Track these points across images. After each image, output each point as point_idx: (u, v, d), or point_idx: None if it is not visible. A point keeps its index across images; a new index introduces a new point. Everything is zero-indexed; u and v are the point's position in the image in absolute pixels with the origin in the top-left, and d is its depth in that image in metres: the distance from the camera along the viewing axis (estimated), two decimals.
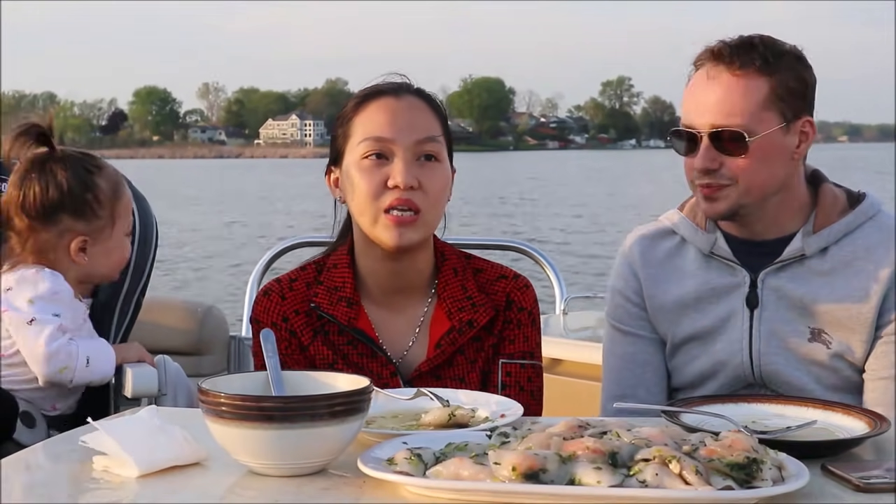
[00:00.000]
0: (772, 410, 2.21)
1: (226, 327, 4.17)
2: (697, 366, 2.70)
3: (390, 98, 2.52)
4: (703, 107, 2.58)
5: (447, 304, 2.57)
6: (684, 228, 2.75)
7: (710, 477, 1.62)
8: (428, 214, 2.48)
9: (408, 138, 2.47)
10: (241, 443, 1.78)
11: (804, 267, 2.63)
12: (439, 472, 1.69)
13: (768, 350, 2.62)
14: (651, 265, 2.77)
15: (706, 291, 2.69)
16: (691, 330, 2.70)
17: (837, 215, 2.64)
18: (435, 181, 2.49)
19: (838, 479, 1.76)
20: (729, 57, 2.56)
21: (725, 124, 2.54)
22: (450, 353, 2.55)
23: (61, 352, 2.72)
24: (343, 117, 2.57)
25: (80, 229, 2.81)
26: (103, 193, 2.81)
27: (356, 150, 2.50)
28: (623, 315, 2.80)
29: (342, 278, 2.57)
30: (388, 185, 2.45)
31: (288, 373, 2.02)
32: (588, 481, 1.62)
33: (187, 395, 2.98)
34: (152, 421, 1.91)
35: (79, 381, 2.78)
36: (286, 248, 4.41)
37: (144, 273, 3.07)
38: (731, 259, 2.67)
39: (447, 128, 2.60)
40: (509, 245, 4.79)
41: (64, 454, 1.95)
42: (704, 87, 2.58)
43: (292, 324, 2.56)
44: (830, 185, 2.70)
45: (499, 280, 2.63)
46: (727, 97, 2.55)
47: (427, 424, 2.07)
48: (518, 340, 2.61)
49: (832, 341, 2.60)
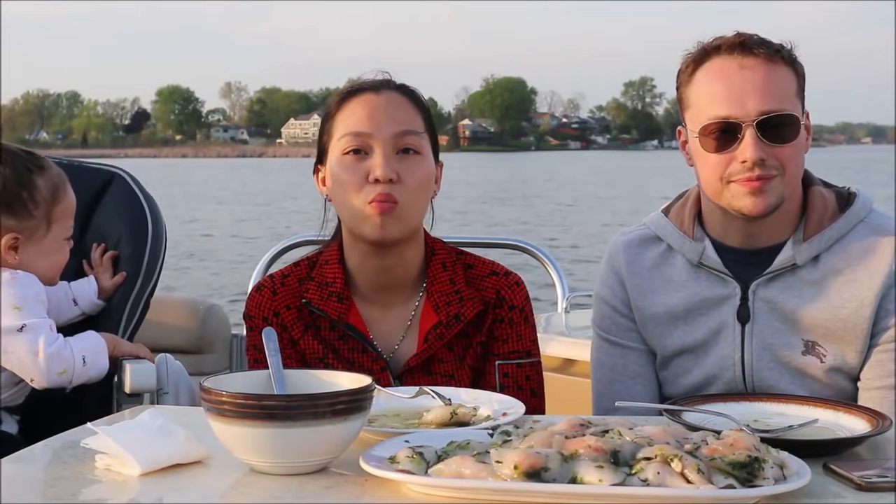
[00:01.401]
0: (773, 409, 2.21)
1: (228, 325, 4.18)
2: (689, 379, 2.64)
3: (370, 94, 2.55)
4: (744, 94, 2.45)
5: (435, 298, 2.59)
6: (671, 236, 2.67)
7: (711, 476, 1.62)
8: (408, 207, 2.50)
9: (386, 132, 2.50)
10: (242, 441, 1.78)
11: (796, 277, 2.55)
12: (441, 470, 1.69)
13: (761, 364, 2.56)
14: (638, 275, 2.69)
15: (696, 304, 2.61)
16: (681, 343, 2.64)
17: (828, 220, 2.56)
18: (415, 174, 2.51)
19: (840, 478, 1.76)
20: (756, 46, 2.48)
21: (777, 109, 2.45)
22: (437, 347, 2.56)
23: (61, 355, 2.72)
24: (327, 116, 2.61)
25: (12, 226, 2.75)
26: (40, 194, 2.76)
27: (337, 146, 2.53)
28: (610, 326, 2.74)
29: (333, 274, 2.60)
30: (368, 180, 2.48)
31: (289, 371, 2.02)
32: (590, 480, 1.61)
33: (189, 394, 2.98)
34: (154, 423, 1.91)
35: (77, 382, 2.78)
36: (288, 246, 4.41)
37: (155, 273, 3.07)
38: (722, 270, 2.59)
39: (430, 122, 2.61)
40: (511, 243, 4.78)
41: (65, 453, 1.95)
42: (738, 75, 2.46)
43: (283, 319, 2.58)
44: (820, 188, 2.62)
45: (489, 276, 2.63)
46: (771, 82, 2.46)
47: (429, 423, 2.07)
48: (511, 339, 2.61)
49: (826, 354, 2.53)
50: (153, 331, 3.42)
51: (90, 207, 3.10)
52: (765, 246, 2.58)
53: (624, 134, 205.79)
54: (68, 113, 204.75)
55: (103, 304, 3.04)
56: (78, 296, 2.99)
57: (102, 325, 3.00)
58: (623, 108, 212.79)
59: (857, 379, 2.56)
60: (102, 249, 3.07)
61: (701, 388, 2.62)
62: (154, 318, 3.19)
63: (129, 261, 3.07)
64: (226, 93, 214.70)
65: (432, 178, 2.58)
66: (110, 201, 3.14)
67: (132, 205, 3.13)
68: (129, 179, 3.15)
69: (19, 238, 2.76)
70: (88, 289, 3.01)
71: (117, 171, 3.19)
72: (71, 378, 2.75)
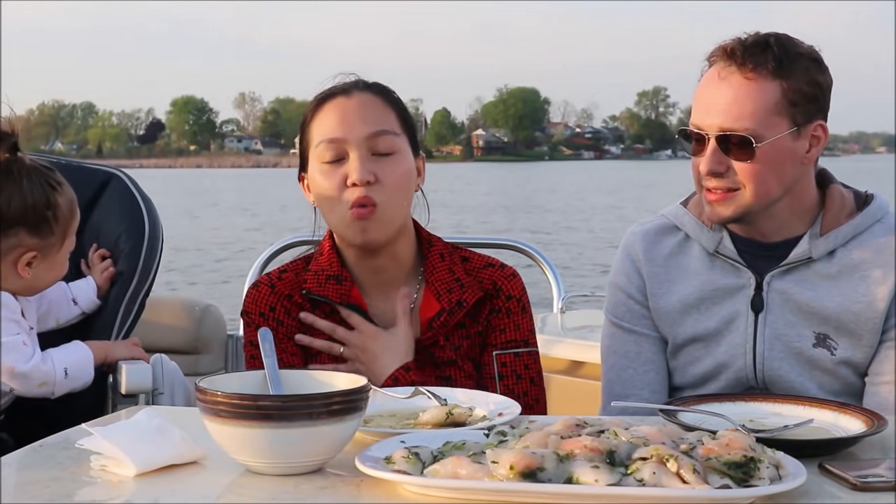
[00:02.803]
0: (769, 409, 2.21)
1: (223, 326, 4.18)
2: (699, 367, 2.67)
3: (341, 98, 2.57)
4: (712, 108, 2.52)
5: (436, 287, 2.61)
6: (689, 225, 2.71)
7: (707, 476, 1.62)
8: (387, 207, 2.52)
9: (359, 134, 2.52)
10: (238, 442, 1.78)
11: (810, 270, 2.59)
12: (437, 470, 1.69)
13: (772, 354, 2.59)
14: (655, 263, 2.72)
15: (710, 292, 2.65)
16: (694, 331, 2.67)
17: (845, 217, 2.60)
18: (392, 174, 2.53)
19: (836, 478, 1.76)
20: (742, 57, 2.49)
21: (733, 128, 2.49)
22: (442, 334, 2.58)
23: (39, 369, 2.72)
24: (303, 123, 2.64)
25: (33, 245, 2.75)
26: (61, 212, 2.76)
27: (315, 154, 2.56)
28: (624, 312, 2.76)
29: (328, 261, 2.62)
30: (346, 184, 2.51)
31: (285, 371, 2.02)
32: (586, 480, 1.61)
33: (185, 394, 2.99)
34: (149, 423, 1.91)
35: (60, 393, 2.78)
36: (283, 247, 4.39)
37: (151, 273, 3.08)
38: (737, 259, 2.63)
39: (406, 117, 2.62)
40: (508, 244, 4.77)
41: (60, 454, 1.95)
42: (715, 87, 2.52)
43: (280, 311, 2.60)
44: (838, 186, 2.66)
45: (485, 268, 2.66)
46: (737, 100, 2.48)
47: (424, 423, 2.07)
48: (508, 329, 2.63)
49: (837, 347, 2.56)
50: (149, 331, 3.42)
51: (88, 208, 3.09)
52: (781, 239, 2.61)
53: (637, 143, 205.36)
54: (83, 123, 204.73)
55: (101, 302, 3.04)
56: (77, 296, 2.99)
57: (98, 325, 3.01)
58: (636, 117, 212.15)
59: (866, 374, 2.59)
60: (97, 248, 3.08)
61: (711, 377, 2.65)
62: (150, 318, 3.19)
63: (126, 260, 3.06)
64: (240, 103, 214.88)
65: (412, 175, 2.59)
66: (108, 202, 3.14)
67: (129, 205, 3.13)
68: (126, 180, 3.16)
69: (37, 255, 2.77)
70: (87, 288, 3.02)
71: (115, 171, 3.20)
72: (53, 390, 2.76)
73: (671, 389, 2.74)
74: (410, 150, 2.60)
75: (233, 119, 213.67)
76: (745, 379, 2.61)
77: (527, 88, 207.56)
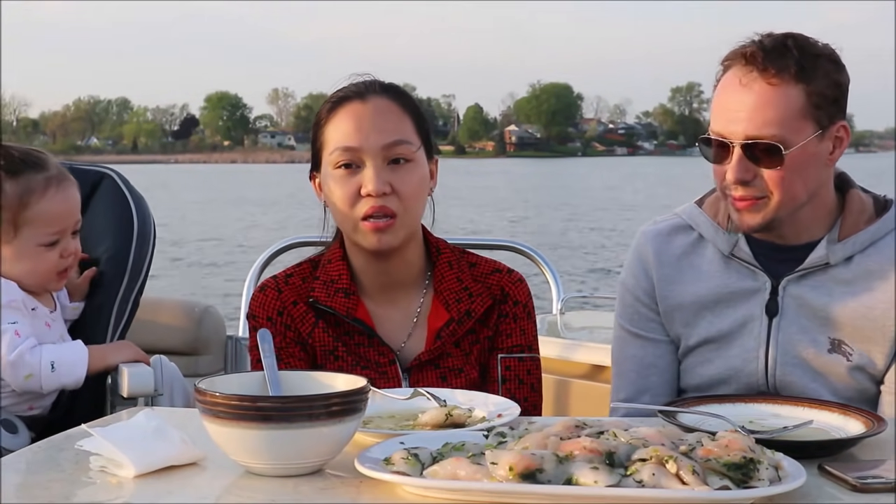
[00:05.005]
0: (769, 410, 2.21)
1: (223, 327, 4.17)
2: (710, 370, 2.63)
3: (356, 103, 2.55)
4: (735, 115, 2.45)
5: (444, 296, 2.60)
6: (704, 226, 2.67)
7: (706, 477, 1.62)
8: (405, 217, 2.51)
9: (375, 144, 2.50)
10: (237, 443, 1.78)
11: (827, 275, 2.55)
12: (436, 472, 1.69)
13: (785, 360, 2.55)
14: (666, 264, 2.68)
15: (724, 294, 2.61)
16: (706, 333, 2.63)
17: (864, 223, 2.56)
18: (408, 183, 2.51)
19: (835, 479, 1.76)
20: (763, 62, 2.43)
21: (760, 136, 2.42)
22: (451, 343, 2.58)
23: (23, 359, 2.70)
24: (317, 124, 2.61)
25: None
26: (7, 198, 2.73)
27: (329, 159, 2.54)
28: (633, 316, 2.73)
29: (337, 272, 2.61)
30: (361, 194, 2.49)
31: (285, 373, 2.02)
32: (585, 481, 1.61)
33: (184, 396, 2.98)
34: (149, 424, 1.90)
35: (49, 387, 2.76)
36: (282, 247, 4.38)
37: (142, 273, 3.06)
38: (753, 263, 2.59)
39: (421, 121, 2.60)
40: (507, 245, 4.77)
41: (60, 455, 1.95)
42: (737, 93, 2.45)
43: (289, 315, 2.58)
44: (858, 191, 2.61)
45: (493, 273, 2.66)
46: (761, 106, 2.42)
47: (424, 424, 2.07)
48: (515, 334, 2.63)
49: (852, 353, 2.52)
50: (148, 332, 3.41)
51: (80, 209, 3.08)
52: (798, 243, 2.58)
53: (671, 139, 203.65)
54: (118, 119, 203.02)
55: (82, 303, 3.01)
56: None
57: (90, 327, 2.99)
58: (670, 113, 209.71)
59: (881, 381, 2.55)
60: None
61: (721, 380, 2.61)
62: (149, 319, 3.19)
63: (114, 260, 3.04)
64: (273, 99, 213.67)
65: (426, 181, 2.58)
66: (98, 202, 3.12)
67: (119, 204, 3.11)
68: (118, 179, 3.13)
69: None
70: (60, 295, 2.97)
71: (107, 171, 3.18)
72: (40, 383, 2.74)
73: (681, 391, 2.70)
74: (425, 155, 2.58)
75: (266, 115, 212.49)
76: (756, 384, 2.57)
77: (559, 84, 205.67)
